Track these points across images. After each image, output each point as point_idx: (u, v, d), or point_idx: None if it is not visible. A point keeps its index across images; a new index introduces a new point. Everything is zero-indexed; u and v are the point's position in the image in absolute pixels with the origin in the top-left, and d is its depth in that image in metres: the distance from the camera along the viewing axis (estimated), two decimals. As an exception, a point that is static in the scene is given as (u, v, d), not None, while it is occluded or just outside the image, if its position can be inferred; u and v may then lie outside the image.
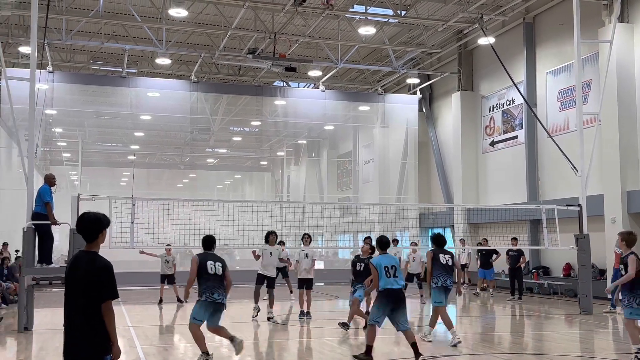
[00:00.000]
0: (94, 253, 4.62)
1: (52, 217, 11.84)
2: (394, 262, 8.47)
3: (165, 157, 33.46)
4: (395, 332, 8.88)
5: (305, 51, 25.42)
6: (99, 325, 4.47)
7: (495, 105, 23.70)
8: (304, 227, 27.51)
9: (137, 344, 10.29)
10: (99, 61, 26.40)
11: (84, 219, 4.65)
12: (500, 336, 11.88)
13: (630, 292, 8.26)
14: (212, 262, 8.43)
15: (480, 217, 22.34)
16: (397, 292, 8.37)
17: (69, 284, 4.61)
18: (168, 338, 11.26)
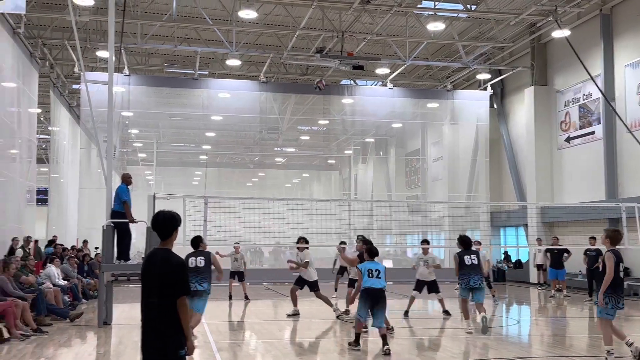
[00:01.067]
0: (168, 250, 4.75)
1: (129, 215, 12.28)
2: (379, 268, 9.47)
3: (235, 156, 34.10)
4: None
5: (373, 49, 25.30)
6: (174, 320, 4.58)
7: (571, 99, 22.87)
8: (372, 226, 27.44)
9: (210, 339, 10.53)
10: (172, 64, 27.18)
11: (159, 217, 4.79)
12: (575, 338, 11.46)
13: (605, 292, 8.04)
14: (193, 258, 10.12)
15: (555, 216, 21.63)
16: (377, 291, 9.31)
17: (145, 280, 4.76)
18: (239, 334, 11.48)
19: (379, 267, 9.44)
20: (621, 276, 8.02)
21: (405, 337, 11.23)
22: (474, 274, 11.09)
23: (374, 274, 9.33)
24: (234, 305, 16.53)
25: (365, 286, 9.33)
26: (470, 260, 11.14)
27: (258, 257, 28.33)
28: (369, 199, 31.00)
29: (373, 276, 9.32)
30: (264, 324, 12.80)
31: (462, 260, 11.17)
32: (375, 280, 9.31)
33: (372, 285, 9.29)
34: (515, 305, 17.89)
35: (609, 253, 8.04)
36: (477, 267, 11.21)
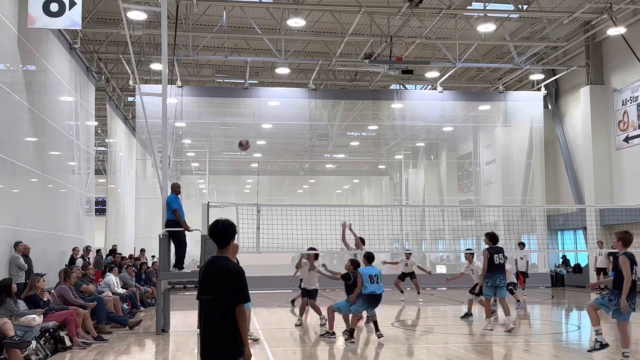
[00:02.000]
0: (226, 258, 4.80)
1: (183, 223, 12.48)
2: (377, 272, 10.33)
3: (286, 163, 34.29)
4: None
5: (422, 52, 25.10)
6: (232, 328, 4.62)
7: (629, 98, 22.13)
8: (424, 231, 27.12)
9: (266, 346, 10.58)
10: (222, 74, 27.62)
11: (217, 226, 4.84)
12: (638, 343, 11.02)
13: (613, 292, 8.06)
14: None
15: (615, 218, 20.89)
16: (379, 296, 10.37)
17: (203, 289, 4.81)
18: (294, 341, 11.50)
19: (376, 272, 10.32)
20: (634, 279, 7.95)
21: (461, 343, 11.04)
22: (500, 273, 11.76)
23: (374, 279, 10.16)
24: (288, 313, 16.59)
25: (368, 291, 10.19)
26: (498, 259, 11.73)
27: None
28: (421, 203, 30.67)
29: (374, 281, 10.16)
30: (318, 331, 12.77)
31: (492, 259, 11.66)
32: (377, 286, 10.21)
33: (375, 290, 10.21)
34: (575, 311, 17.37)
35: (623, 257, 7.85)
36: (503, 267, 11.91)
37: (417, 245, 28.98)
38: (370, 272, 10.28)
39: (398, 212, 26.66)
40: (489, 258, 11.69)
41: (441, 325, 13.63)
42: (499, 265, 11.77)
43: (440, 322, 14.20)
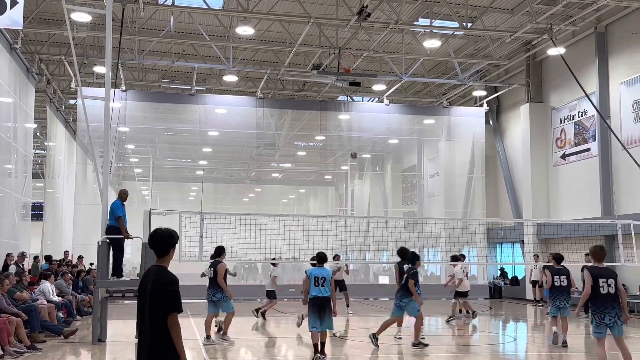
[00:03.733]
0: (162, 267, 4.74)
1: (124, 230, 12.22)
2: (325, 275, 9.69)
3: (232, 172, 34.10)
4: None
5: (370, 65, 25.44)
6: (167, 337, 4.55)
7: (567, 117, 22.99)
8: (368, 242, 27.40)
9: (205, 357, 10.44)
10: (169, 79, 27.26)
11: (156, 235, 4.78)
12: (575, 355, 11.41)
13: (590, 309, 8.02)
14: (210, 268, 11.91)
15: (551, 233, 21.61)
16: (324, 299, 9.59)
17: (139, 298, 4.74)
18: (235, 351, 11.38)
19: (325, 275, 9.67)
20: (602, 292, 7.75)
21: (404, 354, 11.15)
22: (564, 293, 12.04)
23: (319, 282, 9.61)
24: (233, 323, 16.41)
25: (312, 295, 9.63)
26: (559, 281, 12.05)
27: (253, 273, 28.21)
28: (365, 214, 30.97)
29: (319, 284, 9.60)
30: (259, 341, 12.71)
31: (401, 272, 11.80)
32: (321, 289, 9.59)
33: (319, 294, 9.59)
34: (511, 322, 17.82)
35: (586, 271, 7.93)
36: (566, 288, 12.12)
37: (360, 255, 29.25)
38: (318, 274, 9.66)
39: (343, 223, 26.83)
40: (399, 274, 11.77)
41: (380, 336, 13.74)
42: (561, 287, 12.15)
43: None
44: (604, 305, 7.75)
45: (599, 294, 7.74)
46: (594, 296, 7.79)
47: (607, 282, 7.76)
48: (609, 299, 7.75)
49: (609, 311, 7.73)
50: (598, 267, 7.94)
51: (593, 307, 7.87)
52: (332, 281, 9.69)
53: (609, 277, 7.80)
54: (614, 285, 7.79)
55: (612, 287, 7.76)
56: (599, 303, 7.76)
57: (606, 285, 7.75)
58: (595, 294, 7.76)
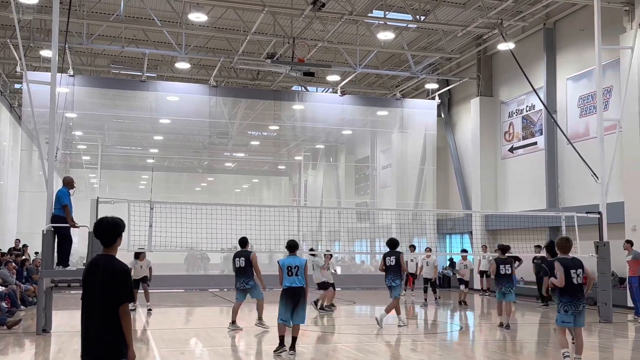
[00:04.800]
0: (111, 257, 4.67)
1: (70, 219, 11.93)
2: (298, 263, 9.33)
3: (184, 160, 33.66)
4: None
5: (324, 56, 25.44)
6: (115, 328, 4.50)
7: (515, 111, 23.52)
8: (321, 232, 27.49)
9: (153, 347, 10.33)
10: (119, 65, 26.66)
11: (102, 224, 4.70)
12: (520, 344, 11.75)
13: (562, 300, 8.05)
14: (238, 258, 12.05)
15: (498, 224, 22.15)
16: (297, 290, 9.21)
17: (86, 287, 4.65)
18: (185, 342, 11.29)
19: (298, 263, 9.32)
20: (575, 282, 7.88)
21: (350, 343, 11.27)
22: (395, 275, 12.78)
23: (293, 271, 9.23)
24: (181, 313, 16.28)
25: (285, 285, 9.23)
26: (389, 261, 12.83)
27: (205, 263, 27.98)
28: (319, 205, 31.06)
29: (292, 274, 9.23)
30: (209, 331, 12.64)
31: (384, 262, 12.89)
32: (294, 279, 9.22)
33: (292, 284, 9.20)
34: (458, 312, 18.20)
35: (557, 263, 8.04)
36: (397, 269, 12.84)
37: (314, 246, 29.32)
38: (290, 263, 9.28)
39: (296, 213, 26.86)
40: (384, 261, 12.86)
41: (332, 325, 13.87)
42: (391, 267, 12.82)
43: (332, 322, 14.44)
44: (576, 296, 7.86)
45: (571, 285, 7.82)
46: (566, 287, 7.85)
47: (577, 272, 7.90)
48: (579, 289, 7.92)
49: (582, 301, 7.93)
50: (567, 258, 8.03)
51: (565, 298, 7.89)
52: (305, 270, 9.40)
53: (578, 268, 7.95)
54: (582, 275, 7.98)
55: (580, 278, 7.92)
56: (571, 294, 7.84)
57: (576, 276, 7.89)
58: (568, 285, 7.83)
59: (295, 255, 9.51)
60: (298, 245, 9.77)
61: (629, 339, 12.63)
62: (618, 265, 16.46)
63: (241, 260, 11.97)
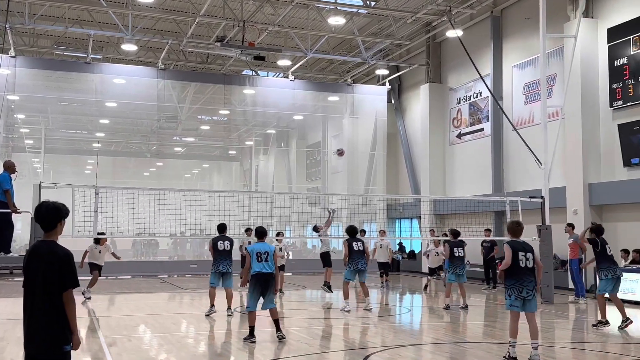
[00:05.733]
0: (53, 242, 4.56)
1: (12, 205, 11.54)
2: (267, 249, 9.43)
3: (132, 145, 33.00)
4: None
5: (275, 40, 25.27)
6: (59, 314, 4.43)
7: (463, 97, 23.93)
8: (272, 218, 27.47)
9: (99, 333, 10.16)
10: (63, 46, 25.84)
11: (41, 208, 4.60)
12: (465, 325, 12.05)
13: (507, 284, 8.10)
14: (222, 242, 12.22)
15: (446, 208, 22.58)
16: (266, 275, 9.28)
17: (28, 274, 4.53)
18: (132, 328, 11.13)
19: (267, 249, 9.38)
20: (521, 265, 7.91)
21: (301, 327, 11.35)
22: (361, 258, 13.14)
23: (262, 257, 9.25)
24: (129, 300, 16.04)
25: (255, 271, 9.25)
26: (357, 246, 13.13)
27: (153, 249, 27.62)
28: (270, 190, 30.99)
29: (262, 260, 9.24)
30: (158, 318, 12.51)
31: (352, 246, 13.10)
32: (264, 264, 9.25)
33: (262, 270, 9.23)
34: (408, 294, 18.53)
35: (506, 244, 8.13)
36: (362, 253, 13.23)
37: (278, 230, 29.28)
38: (260, 249, 9.31)
39: (247, 198, 26.74)
40: (349, 245, 13.14)
41: (284, 310, 13.91)
42: (359, 251, 13.14)
43: (283, 307, 14.48)
44: (522, 279, 7.88)
45: (518, 268, 7.86)
46: (512, 270, 7.90)
47: (526, 255, 7.93)
48: (527, 272, 7.91)
49: (527, 284, 7.87)
50: (517, 241, 8.11)
51: (511, 280, 7.94)
52: (275, 256, 9.44)
53: (528, 251, 7.98)
54: (532, 259, 7.99)
55: (529, 261, 7.93)
56: (518, 276, 7.87)
57: (524, 259, 7.91)
58: (515, 268, 7.88)
59: (264, 241, 9.60)
60: (267, 232, 9.87)
61: (570, 319, 13.12)
62: (560, 248, 17.04)
63: (226, 243, 12.22)
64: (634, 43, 16.35)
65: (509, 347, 8.03)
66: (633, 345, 9.91)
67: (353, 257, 13.07)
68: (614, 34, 17.00)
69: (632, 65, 16.35)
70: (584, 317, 13.21)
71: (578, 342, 10.26)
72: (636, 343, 10.15)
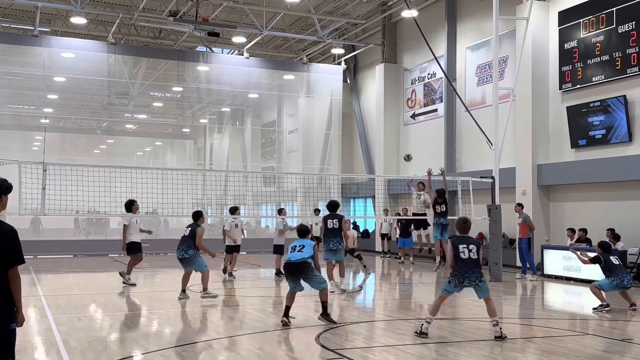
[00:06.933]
0: (-5, 219, 4.41)
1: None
2: (302, 244, 9.20)
3: (81, 121, 32.17)
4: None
5: (229, 16, 24.88)
6: (5, 292, 4.34)
7: (417, 78, 24.10)
8: (226, 197, 27.27)
9: (48, 313, 9.94)
10: (8, 18, 24.86)
11: (-20, 184, 4.44)
12: (416, 302, 12.27)
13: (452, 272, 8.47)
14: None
15: (400, 188, 22.83)
16: (291, 265, 9.06)
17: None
18: (82, 308, 10.94)
19: (302, 244, 9.23)
20: (463, 257, 8.21)
21: (255, 305, 11.35)
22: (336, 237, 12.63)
23: (296, 249, 9.18)
24: (78, 278, 15.74)
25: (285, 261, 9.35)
26: (332, 224, 12.59)
27: (103, 228, 27.13)
28: (224, 169, 30.73)
29: (296, 250, 9.16)
30: (109, 297, 12.32)
31: (326, 224, 12.64)
32: (292, 254, 9.13)
33: (290, 258, 9.12)
34: (361, 273, 18.72)
35: (448, 241, 8.56)
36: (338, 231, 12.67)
37: (219, 210, 29.09)
38: (296, 243, 9.31)
39: (201, 177, 26.46)
40: (324, 222, 12.68)
41: (239, 289, 13.88)
42: (332, 230, 12.60)
43: (238, 284, 14.46)
44: (463, 270, 8.21)
45: (459, 260, 8.24)
46: (456, 262, 8.28)
47: (468, 247, 8.26)
48: (469, 263, 8.22)
49: (468, 275, 8.19)
50: (459, 237, 8.51)
51: (455, 270, 8.28)
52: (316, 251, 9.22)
53: (470, 244, 8.32)
54: (476, 251, 8.29)
55: (472, 253, 8.25)
56: (460, 267, 8.23)
57: (467, 251, 8.24)
58: (457, 260, 8.26)
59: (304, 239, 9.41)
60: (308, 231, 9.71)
61: (517, 295, 13.49)
62: (508, 227, 17.48)
63: (187, 230, 11.74)
64: (584, 26, 16.73)
65: (425, 322, 8.29)
66: (578, 322, 10.28)
67: (325, 236, 12.70)
68: (565, 17, 17.34)
69: (582, 48, 16.74)
70: (532, 294, 13.61)
71: (526, 318, 10.57)
72: (581, 319, 10.52)
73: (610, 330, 9.22)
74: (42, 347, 7.57)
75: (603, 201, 16.52)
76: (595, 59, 16.36)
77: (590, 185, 16.69)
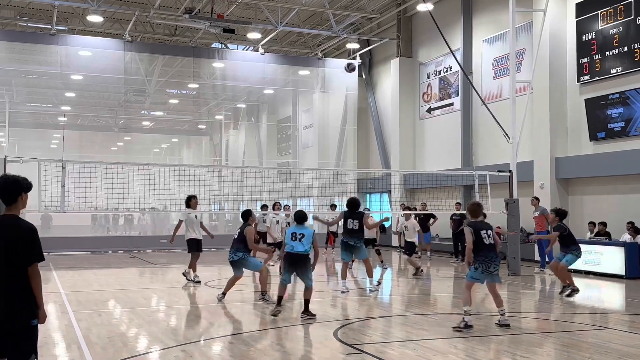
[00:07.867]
0: (14, 217, 4.47)
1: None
2: (303, 232, 9.23)
3: (98, 119, 32.45)
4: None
5: (244, 12, 24.91)
6: (25, 289, 4.37)
7: (433, 72, 23.97)
8: (242, 192, 27.37)
9: (68, 309, 10.05)
10: (26, 17, 25.11)
11: (1, 182, 4.50)
12: (433, 297, 12.23)
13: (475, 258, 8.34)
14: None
15: (416, 183, 22.75)
16: (294, 256, 9.14)
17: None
18: (102, 304, 11.05)
19: (303, 232, 9.22)
20: (486, 242, 8.19)
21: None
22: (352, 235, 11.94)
23: (298, 237, 9.15)
24: (97, 274, 15.90)
25: (286, 250, 9.25)
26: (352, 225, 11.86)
27: (128, 223, 27.37)
28: (240, 165, 30.82)
29: (296, 239, 9.14)
30: (128, 293, 12.43)
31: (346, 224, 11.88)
32: (295, 244, 9.13)
33: (291, 250, 9.14)
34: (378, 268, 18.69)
35: (467, 227, 8.39)
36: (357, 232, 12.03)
37: (235, 206, 29.21)
38: (295, 230, 9.28)
39: (217, 173, 26.57)
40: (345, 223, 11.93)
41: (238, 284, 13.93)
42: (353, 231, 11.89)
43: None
44: (489, 256, 8.20)
45: (483, 245, 8.18)
46: (479, 247, 8.20)
47: (487, 233, 8.27)
48: (492, 249, 8.25)
49: (494, 260, 8.23)
50: (477, 222, 8.42)
51: (479, 257, 8.21)
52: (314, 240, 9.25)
53: (488, 229, 8.34)
54: (492, 236, 8.32)
55: (491, 238, 8.28)
56: (485, 253, 8.18)
57: (487, 237, 8.24)
58: (480, 245, 8.18)
59: (302, 225, 9.43)
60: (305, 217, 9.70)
61: (535, 290, 13.40)
62: (526, 221, 17.34)
63: (236, 232, 10.93)
64: (601, 18, 16.53)
65: (464, 316, 8.25)
66: (598, 316, 10.19)
67: (344, 234, 12.05)
68: (582, 9, 17.14)
69: (600, 40, 16.55)
70: (550, 289, 13.51)
71: (544, 312, 10.50)
72: (602, 313, 10.43)
73: (631, 323, 9.12)
74: (62, 343, 7.65)
75: (622, 194, 16.35)
76: (613, 51, 16.16)
77: (609, 179, 16.51)
